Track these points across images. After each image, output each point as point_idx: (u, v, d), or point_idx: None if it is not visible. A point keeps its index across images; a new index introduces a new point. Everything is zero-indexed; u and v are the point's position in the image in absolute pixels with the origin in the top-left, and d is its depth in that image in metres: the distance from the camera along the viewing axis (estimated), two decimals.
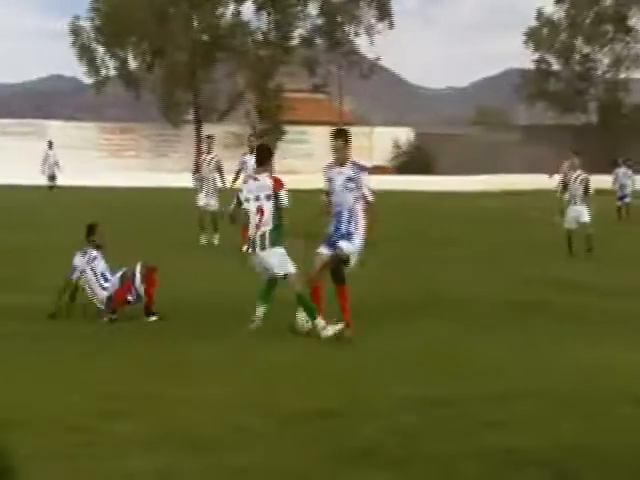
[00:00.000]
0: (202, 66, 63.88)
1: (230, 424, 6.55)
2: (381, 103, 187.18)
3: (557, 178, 32.13)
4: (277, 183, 10.11)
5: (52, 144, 37.93)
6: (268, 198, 10.00)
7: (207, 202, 19.61)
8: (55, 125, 63.06)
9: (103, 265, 10.92)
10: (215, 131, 60.19)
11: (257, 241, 9.96)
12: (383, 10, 67.00)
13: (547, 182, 33.56)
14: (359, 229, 9.74)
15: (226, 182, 19.57)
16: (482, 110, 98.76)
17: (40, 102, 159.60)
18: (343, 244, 9.64)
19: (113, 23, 62.32)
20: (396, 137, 69.25)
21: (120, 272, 10.80)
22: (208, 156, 19.87)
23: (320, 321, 9.66)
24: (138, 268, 10.75)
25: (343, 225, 9.76)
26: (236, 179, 19.25)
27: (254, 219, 10.01)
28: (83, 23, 64.90)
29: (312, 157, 53.06)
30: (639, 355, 9.12)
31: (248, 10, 68.96)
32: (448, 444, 6.14)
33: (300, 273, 9.89)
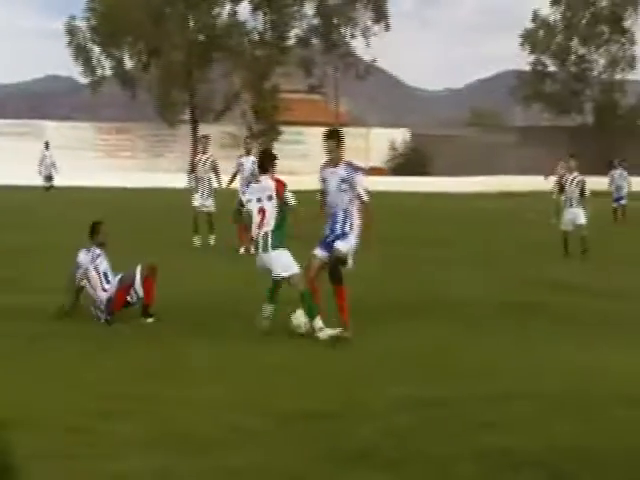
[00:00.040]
0: (198, 66, 63.83)
1: (227, 424, 6.58)
2: (377, 104, 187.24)
3: (552, 179, 32.25)
4: (279, 184, 10.15)
5: (49, 145, 37.93)
6: (269, 198, 10.04)
7: (202, 203, 19.46)
8: (51, 125, 62.99)
9: (106, 265, 10.89)
10: (211, 131, 60.26)
11: (260, 242, 9.99)
12: (379, 12, 67.02)
13: (543, 183, 33.57)
14: (354, 229, 9.75)
15: (222, 182, 19.45)
16: (477, 111, 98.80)
17: (36, 102, 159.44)
18: (339, 244, 9.65)
19: (109, 23, 62.18)
20: (392, 138, 69.23)
21: (120, 275, 10.77)
22: (203, 156, 19.69)
23: (318, 322, 9.68)
24: (138, 269, 10.74)
25: (338, 225, 9.77)
26: (232, 181, 19.26)
27: (256, 219, 10.05)
28: (79, 23, 64.96)
29: (308, 158, 53.07)
30: (633, 356, 9.16)
31: (244, 10, 68.92)
32: (444, 445, 6.17)
33: (302, 272, 9.90)
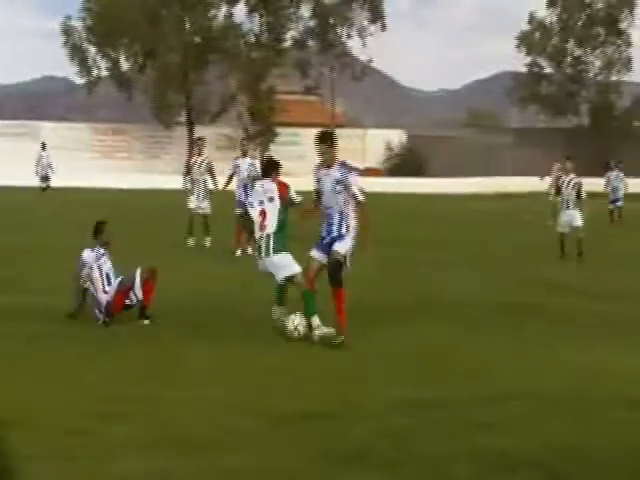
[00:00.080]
0: (194, 68, 63.81)
1: (224, 426, 6.59)
2: (373, 105, 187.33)
3: (548, 180, 32.32)
4: (282, 186, 10.20)
5: (45, 145, 37.84)
6: (270, 200, 10.10)
7: (198, 205, 19.41)
8: (48, 126, 62.97)
9: (109, 265, 10.82)
10: (207, 133, 60.46)
11: (262, 245, 10.04)
12: (375, 12, 67.01)
13: (539, 185, 33.66)
14: (350, 231, 9.73)
15: (218, 184, 19.41)
16: (473, 113, 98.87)
17: (32, 103, 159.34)
18: (337, 246, 9.63)
19: (105, 23, 62.15)
20: (388, 139, 69.28)
21: (120, 278, 10.71)
22: (199, 158, 19.62)
23: (316, 319, 9.71)
24: (138, 272, 10.71)
25: (334, 227, 9.73)
26: (229, 183, 19.17)
27: (257, 221, 10.10)
28: (75, 23, 64.91)
29: (304, 159, 52.97)
30: (630, 358, 9.17)
31: (240, 12, 68.97)
32: (440, 446, 6.17)
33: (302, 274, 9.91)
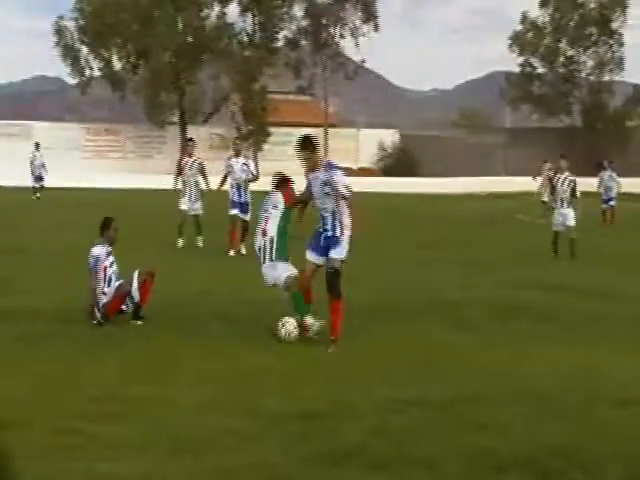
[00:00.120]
0: (187, 68, 63.71)
1: (217, 426, 6.60)
2: (366, 105, 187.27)
3: (539, 180, 32.45)
4: (287, 197, 10.31)
5: (39, 145, 37.67)
6: (274, 207, 10.30)
7: (190, 207, 19.34)
8: (40, 126, 62.83)
9: (115, 269, 10.75)
10: (200, 133, 60.63)
11: (265, 251, 10.21)
12: (368, 12, 66.98)
13: (532, 184, 33.76)
14: (345, 232, 9.72)
15: (210, 185, 19.37)
16: (466, 113, 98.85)
17: (24, 103, 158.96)
18: (333, 254, 9.59)
19: (97, 23, 62.02)
20: (381, 139, 69.32)
21: (118, 283, 10.63)
22: (190, 159, 19.56)
23: (309, 318, 9.80)
24: (136, 275, 10.68)
25: (329, 227, 9.71)
26: (223, 183, 18.99)
27: (261, 228, 10.31)
28: (67, 23, 64.75)
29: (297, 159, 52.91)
30: (622, 357, 9.21)
31: (233, 12, 68.93)
32: (432, 446, 6.19)
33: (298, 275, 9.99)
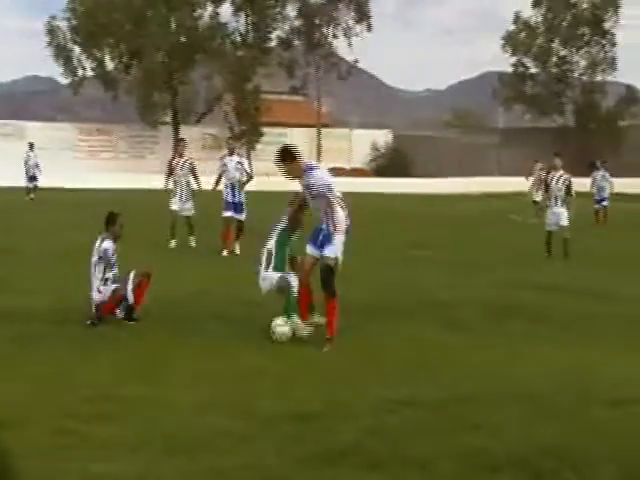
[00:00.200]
0: (180, 68, 63.68)
1: (211, 426, 6.60)
2: (359, 105, 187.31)
3: (531, 180, 32.56)
4: (294, 212, 10.42)
5: (33, 146, 37.53)
6: (279, 222, 10.48)
7: (181, 207, 19.33)
8: (33, 126, 62.72)
9: (116, 270, 10.73)
10: (193, 133, 60.61)
11: (263, 258, 10.35)
12: (361, 12, 67.07)
13: (526, 184, 33.84)
14: (337, 229, 9.72)
15: (201, 185, 19.37)
16: (458, 113, 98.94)
17: (17, 103, 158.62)
18: (326, 251, 9.63)
19: (89, 23, 61.96)
20: (374, 139, 69.37)
21: (114, 286, 10.57)
22: (181, 159, 19.57)
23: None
24: (131, 276, 10.66)
25: (324, 225, 9.77)
26: (218, 183, 18.93)
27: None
28: (59, 23, 64.64)
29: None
30: (614, 357, 9.24)
31: (226, 12, 68.82)
32: (426, 445, 6.21)
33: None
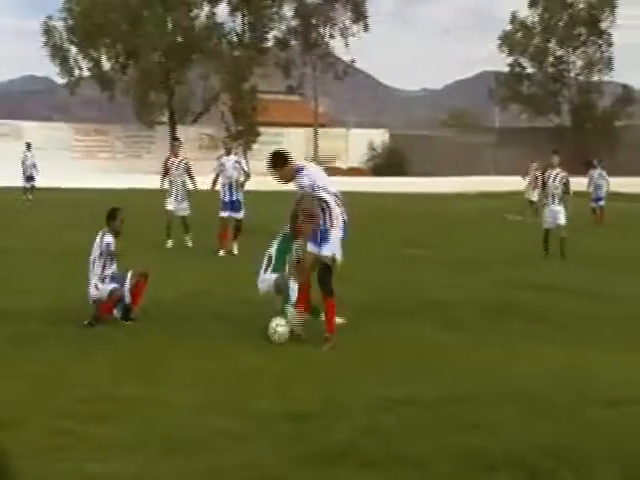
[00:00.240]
0: (176, 68, 63.66)
1: (208, 426, 6.60)
2: (356, 105, 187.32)
3: (527, 180, 32.58)
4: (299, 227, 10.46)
5: (30, 145, 37.39)
6: (284, 231, 10.67)
7: (177, 207, 19.35)
8: (29, 126, 62.65)
9: (114, 267, 10.74)
10: (189, 133, 60.60)
11: (264, 262, 10.52)
12: (358, 12, 67.01)
13: (522, 184, 33.87)
14: (334, 225, 9.74)
15: (197, 184, 19.38)
16: (454, 112, 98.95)
17: (13, 103, 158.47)
18: (323, 250, 9.66)
19: (86, 23, 61.91)
20: (371, 139, 69.36)
21: (112, 286, 10.54)
22: (176, 159, 19.57)
23: (292, 310, 9.89)
24: (129, 276, 10.65)
25: (321, 222, 9.81)
26: (215, 182, 18.90)
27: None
28: (56, 23, 64.59)
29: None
30: (611, 357, 9.24)
31: (222, 12, 68.86)
32: (423, 445, 6.21)
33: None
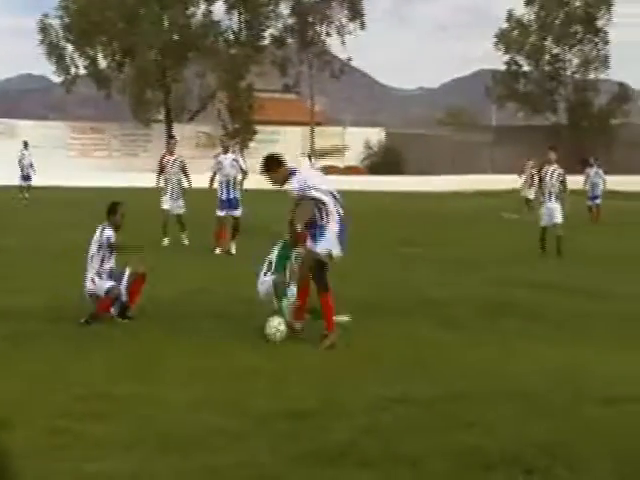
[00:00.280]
0: (173, 66, 63.61)
1: (206, 425, 6.60)
2: (352, 103, 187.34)
3: (523, 177, 32.70)
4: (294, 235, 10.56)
5: (27, 144, 37.33)
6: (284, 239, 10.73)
7: (172, 205, 19.37)
8: (25, 124, 62.56)
9: (113, 262, 10.75)
10: (186, 131, 60.58)
11: (265, 265, 10.56)
12: (355, 10, 66.98)
13: (518, 182, 33.97)
14: (328, 226, 9.73)
15: (191, 182, 19.41)
16: (451, 111, 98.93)
17: (9, 101, 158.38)
18: (318, 247, 9.67)
19: (82, 21, 61.84)
20: (367, 137, 69.35)
21: (109, 285, 10.51)
22: (172, 157, 19.60)
23: (288, 303, 9.96)
24: (126, 274, 10.63)
25: (317, 220, 9.81)
26: (213, 181, 18.85)
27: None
28: (52, 21, 64.50)
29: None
30: (608, 355, 9.25)
31: (219, 10, 68.75)
32: (419, 443, 6.21)
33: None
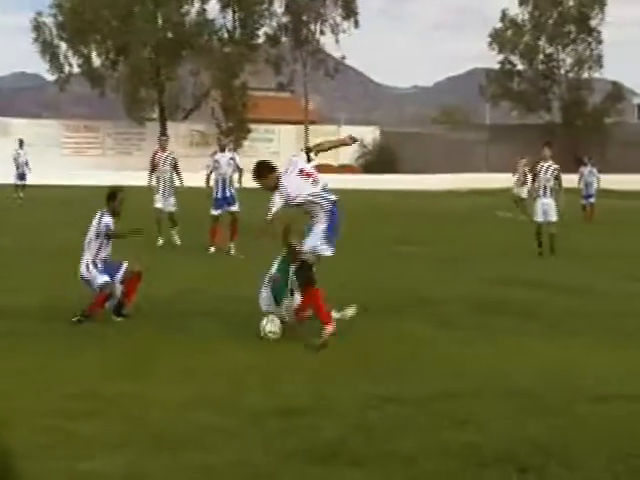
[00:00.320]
0: (167, 64, 63.62)
1: (197, 423, 6.59)
2: (347, 102, 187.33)
3: (516, 176, 32.75)
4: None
5: (22, 143, 37.21)
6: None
7: (164, 203, 19.37)
8: (18, 122, 62.49)
9: (109, 250, 10.73)
10: (180, 129, 60.62)
11: (265, 280, 10.39)
12: (349, 9, 67.10)
13: (513, 180, 34.01)
14: (320, 222, 9.73)
15: (183, 180, 19.41)
16: (445, 109, 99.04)
17: (2, 99, 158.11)
18: (305, 246, 9.69)
19: (76, 19, 61.80)
20: (362, 136, 69.30)
21: (104, 280, 10.45)
22: (163, 154, 19.59)
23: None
24: (122, 271, 10.62)
25: (310, 219, 9.85)
26: (209, 180, 18.76)
27: None
28: (45, 19, 64.43)
29: (278, 155, 52.99)
30: (601, 354, 9.26)
31: (213, 8, 68.75)
32: (412, 441, 6.21)
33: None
